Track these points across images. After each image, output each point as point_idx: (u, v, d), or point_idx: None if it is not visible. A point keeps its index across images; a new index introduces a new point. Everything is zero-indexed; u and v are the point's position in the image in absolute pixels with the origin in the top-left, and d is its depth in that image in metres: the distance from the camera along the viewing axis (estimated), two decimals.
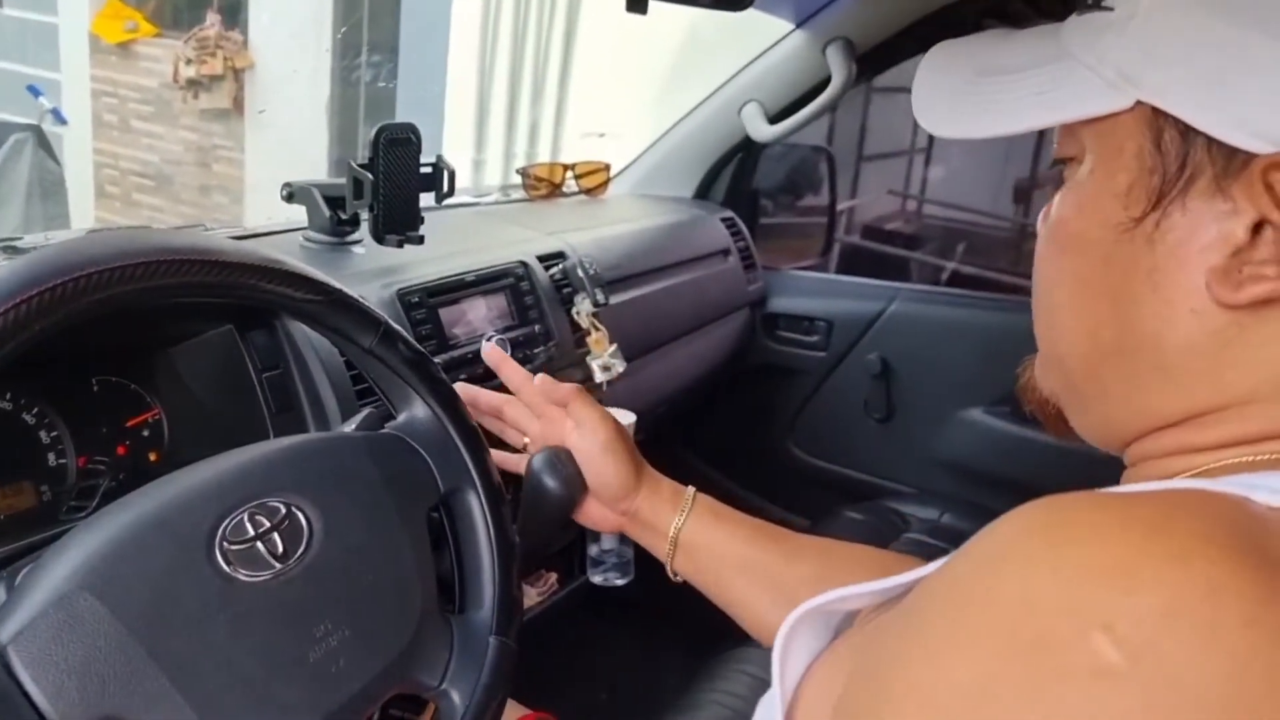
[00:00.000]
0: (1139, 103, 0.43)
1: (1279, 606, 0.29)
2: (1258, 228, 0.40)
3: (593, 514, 0.82)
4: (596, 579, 1.15)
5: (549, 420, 0.83)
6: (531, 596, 1.13)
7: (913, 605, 0.37)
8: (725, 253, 1.59)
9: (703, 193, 1.70)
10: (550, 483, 0.79)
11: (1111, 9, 0.45)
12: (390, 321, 0.70)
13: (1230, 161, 0.40)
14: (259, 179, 5.12)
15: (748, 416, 1.74)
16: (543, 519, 0.81)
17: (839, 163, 3.99)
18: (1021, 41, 0.50)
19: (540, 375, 0.84)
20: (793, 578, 0.76)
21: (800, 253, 1.82)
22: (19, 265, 0.52)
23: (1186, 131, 0.41)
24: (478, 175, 3.61)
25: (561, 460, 0.80)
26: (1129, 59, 0.43)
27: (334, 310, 0.67)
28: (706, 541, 0.79)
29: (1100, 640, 0.28)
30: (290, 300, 0.65)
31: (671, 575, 0.81)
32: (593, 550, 1.16)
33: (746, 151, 1.67)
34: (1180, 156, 0.41)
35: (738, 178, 1.70)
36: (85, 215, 6.12)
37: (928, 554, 1.35)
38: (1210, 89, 0.40)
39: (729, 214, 1.65)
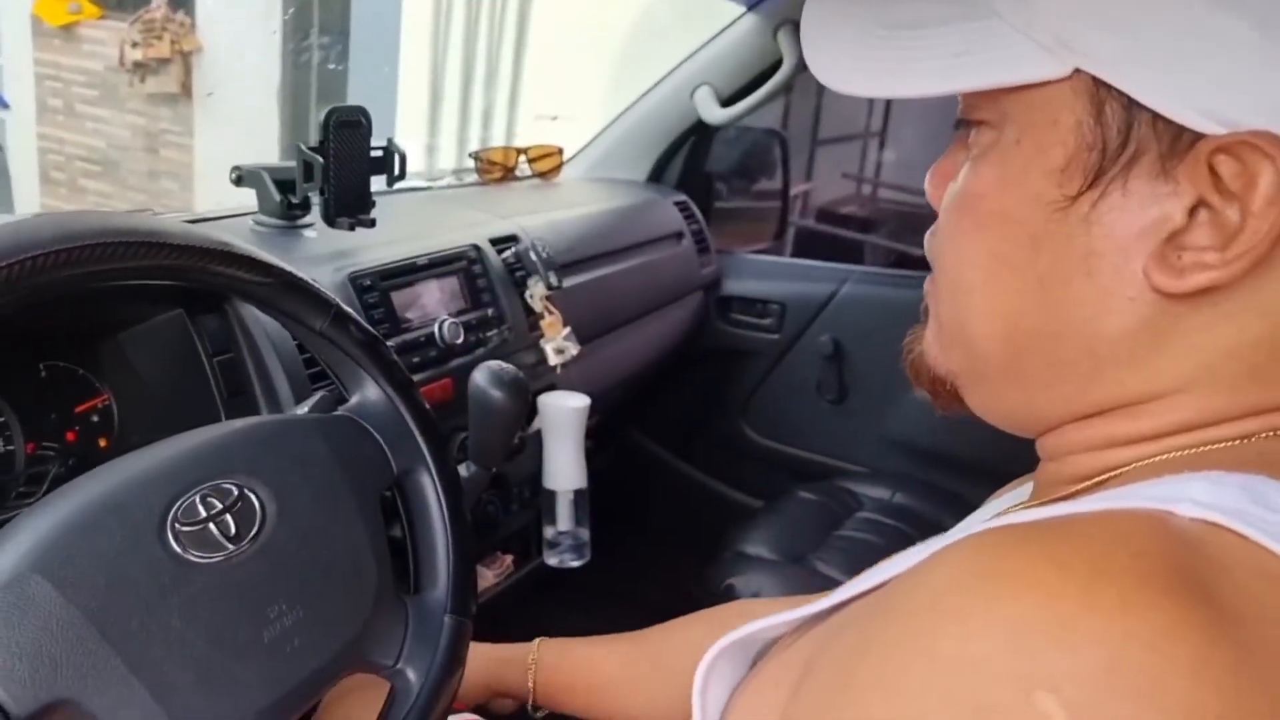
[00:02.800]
0: (1078, 71, 0.39)
1: (1225, 650, 0.28)
2: (1193, 211, 0.38)
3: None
4: (552, 561, 1.16)
5: None
6: (487, 579, 1.14)
7: (849, 659, 0.34)
8: (679, 236, 1.60)
9: (656, 176, 1.71)
10: (494, 393, 0.81)
11: None
12: (342, 304, 0.70)
13: (1176, 141, 0.38)
14: (209, 164, 5.04)
15: (702, 399, 1.76)
16: (491, 431, 0.83)
17: (793, 146, 4.01)
18: None
19: None
20: (644, 671, 0.77)
21: (754, 236, 1.83)
22: None
23: (1130, 106, 0.38)
24: (431, 160, 3.59)
25: (503, 369, 0.82)
26: (1068, 24, 0.40)
27: (285, 293, 0.67)
28: (564, 666, 0.81)
29: (1047, 703, 0.28)
30: (240, 283, 0.65)
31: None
32: (548, 533, 1.17)
33: (700, 135, 1.68)
34: (1123, 132, 0.39)
35: (691, 161, 1.71)
36: (30, 201, 5.99)
37: (880, 532, 1.38)
38: (1161, 63, 0.37)
39: (682, 197, 1.66)
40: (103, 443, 0.84)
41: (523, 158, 1.57)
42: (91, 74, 5.83)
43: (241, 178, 1.05)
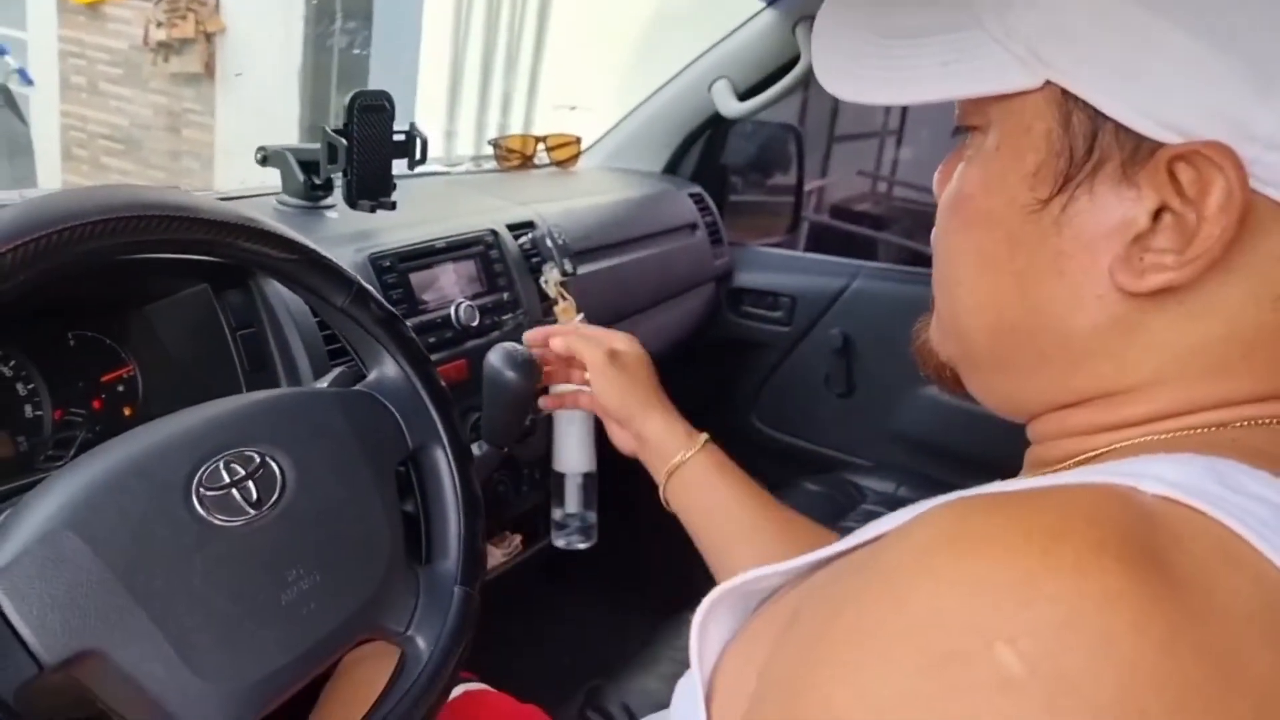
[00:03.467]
0: (1048, 83, 0.42)
1: (1165, 613, 0.30)
2: (1158, 214, 0.40)
3: (615, 434, 0.89)
4: (560, 542, 1.18)
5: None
6: (496, 557, 1.16)
7: (828, 610, 0.37)
8: (692, 227, 1.61)
9: (672, 168, 1.73)
10: (507, 374, 0.84)
11: None
12: (363, 282, 0.73)
13: (1138, 149, 0.40)
14: (229, 144, 5.08)
15: (712, 389, 1.77)
16: (503, 411, 0.86)
17: (810, 142, 4.02)
18: (930, 1, 0.48)
19: (529, 334, 0.90)
20: (764, 536, 0.79)
21: (768, 229, 1.85)
22: (5, 215, 0.54)
23: (1095, 116, 0.41)
24: (449, 145, 3.61)
25: (516, 351, 0.85)
26: (1040, 37, 0.42)
27: (309, 269, 0.70)
28: (699, 486, 0.83)
29: (1005, 653, 0.30)
30: (267, 259, 0.67)
31: (664, 503, 0.86)
32: (557, 514, 1.19)
33: (716, 128, 1.70)
34: (1088, 141, 0.41)
35: (707, 153, 1.73)
36: (52, 177, 6.05)
37: None
38: (1121, 76, 0.40)
39: (697, 189, 1.68)
40: (127, 411, 0.86)
41: (541, 146, 1.59)
42: (115, 52, 5.87)
43: (267, 158, 1.07)
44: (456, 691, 0.90)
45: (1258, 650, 0.31)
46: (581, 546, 1.20)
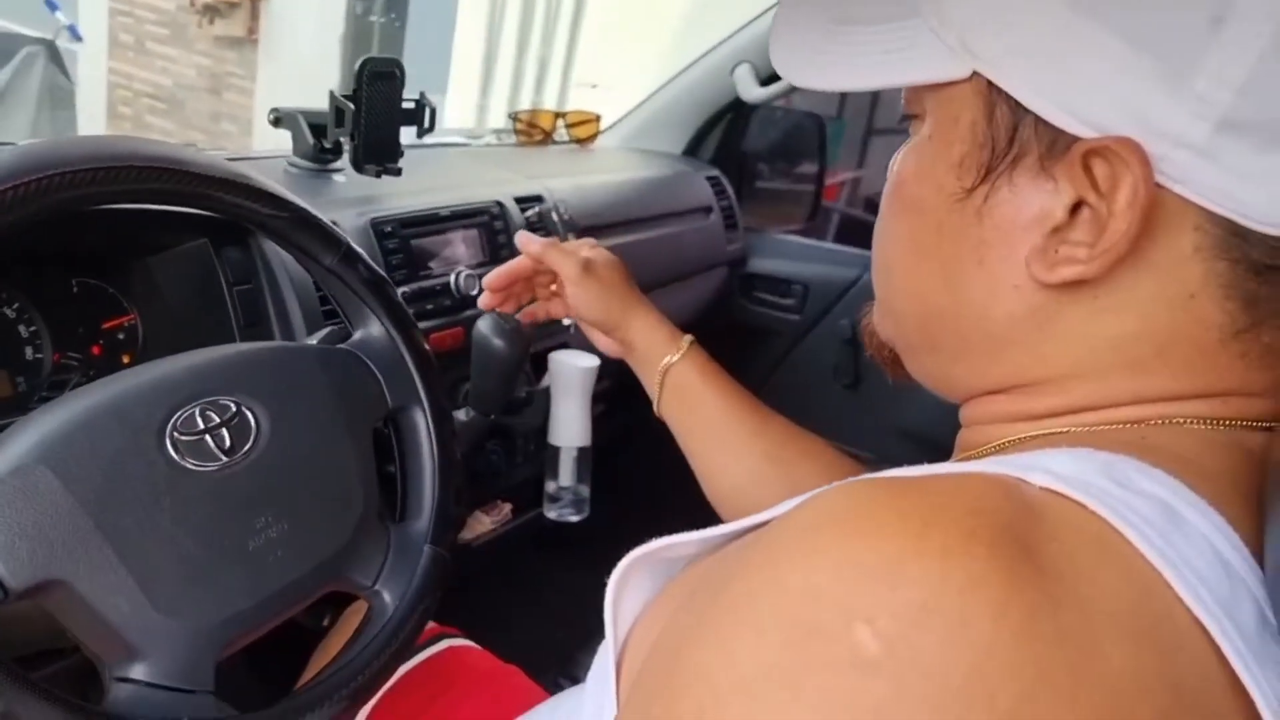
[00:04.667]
0: (976, 74, 0.43)
1: (1027, 600, 0.31)
2: (1076, 208, 0.41)
3: (598, 339, 0.89)
4: (552, 514, 1.20)
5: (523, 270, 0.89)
6: (485, 524, 1.18)
7: (718, 581, 0.37)
8: (707, 210, 1.62)
9: (692, 150, 1.73)
10: (496, 342, 0.85)
11: None
12: (352, 243, 0.74)
13: (1055, 142, 0.41)
14: (269, 109, 5.12)
15: None
16: (491, 378, 0.87)
17: (850, 134, 3.98)
18: None
19: (521, 234, 0.89)
20: (750, 450, 0.81)
21: (787, 217, 1.84)
22: (4, 157, 0.56)
23: (1017, 108, 0.41)
24: (481, 118, 3.63)
25: (505, 319, 0.86)
26: (969, 28, 0.43)
27: (298, 227, 0.71)
28: (692, 389, 0.84)
29: (863, 632, 0.30)
30: (256, 215, 0.69)
31: (657, 413, 0.87)
32: (550, 487, 1.20)
33: (737, 112, 1.69)
34: (1009, 133, 0.42)
35: (727, 137, 1.73)
36: (97, 132, 6.12)
37: None
38: (1041, 69, 0.40)
39: (715, 173, 1.68)
40: (125, 359, 0.88)
41: (561, 122, 1.60)
42: (163, 13, 5.93)
43: (279, 119, 1.09)
44: (442, 645, 0.92)
45: (1118, 643, 0.31)
46: (573, 519, 1.21)
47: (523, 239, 0.88)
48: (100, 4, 6.19)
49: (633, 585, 0.50)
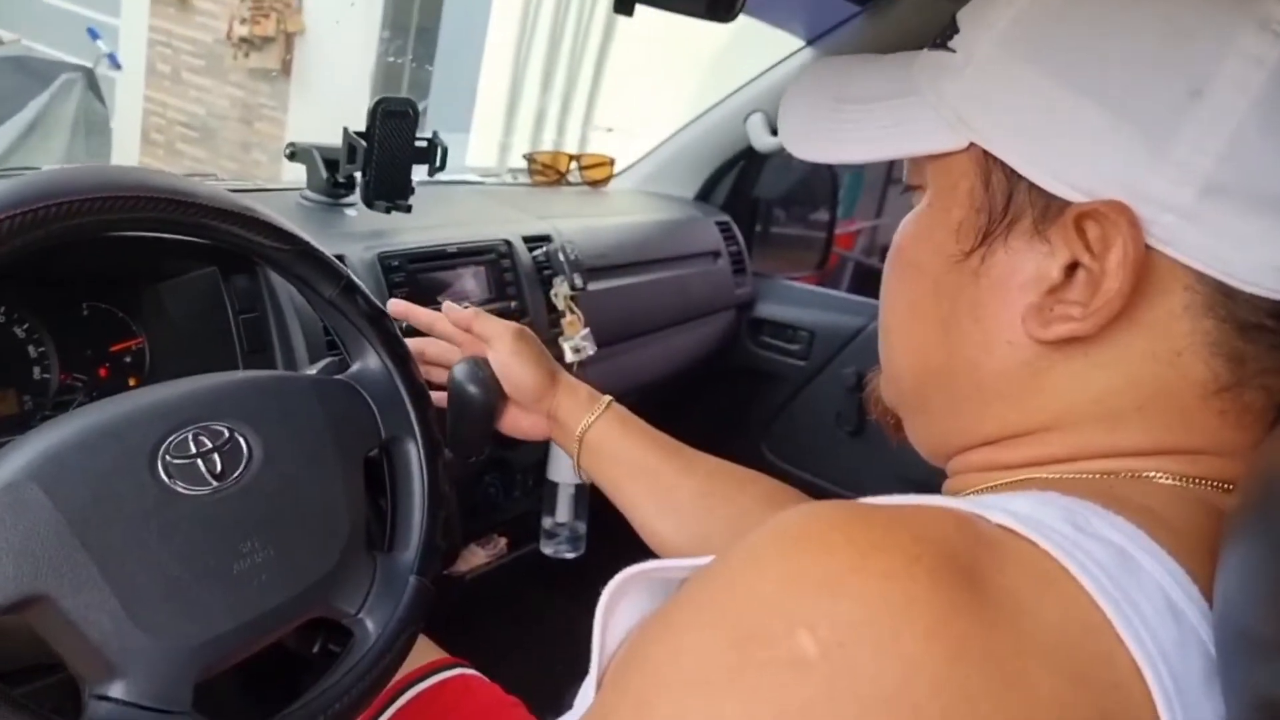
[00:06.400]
0: (972, 144, 0.45)
1: (961, 625, 0.32)
2: (1071, 269, 0.43)
3: (520, 422, 0.89)
4: (548, 550, 1.20)
5: (468, 344, 0.90)
6: (480, 557, 1.19)
7: (684, 592, 0.39)
8: (716, 254, 1.63)
9: (704, 195, 1.75)
10: (471, 389, 0.85)
11: (954, 50, 0.47)
12: (352, 276, 0.76)
13: (1049, 207, 0.43)
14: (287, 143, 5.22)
15: (725, 416, 1.79)
16: (468, 424, 0.87)
17: (868, 182, 4.00)
18: (881, 70, 0.52)
19: (446, 304, 0.91)
20: (682, 490, 0.83)
21: (797, 263, 1.86)
22: (15, 184, 0.58)
23: (1012, 175, 0.44)
24: (503, 157, 3.68)
25: (479, 365, 0.86)
26: (965, 103, 0.46)
27: (300, 260, 0.73)
28: (610, 444, 0.85)
29: (803, 637, 0.32)
30: (259, 246, 0.71)
31: (578, 474, 0.88)
32: (547, 523, 1.21)
33: (749, 159, 1.72)
34: (1005, 198, 0.44)
35: (739, 184, 1.75)
36: (130, 159, 6.25)
37: None
38: (1032, 140, 0.43)
39: (725, 218, 1.70)
40: (132, 381, 0.90)
41: (575, 164, 1.62)
42: (200, 44, 6.07)
43: (295, 153, 1.12)
44: (449, 674, 0.92)
45: (1049, 675, 0.33)
46: (569, 556, 1.22)
47: (447, 306, 0.91)
48: (140, 34, 6.34)
49: (624, 605, 0.51)
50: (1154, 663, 0.34)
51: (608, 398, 0.88)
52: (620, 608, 0.51)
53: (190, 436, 0.64)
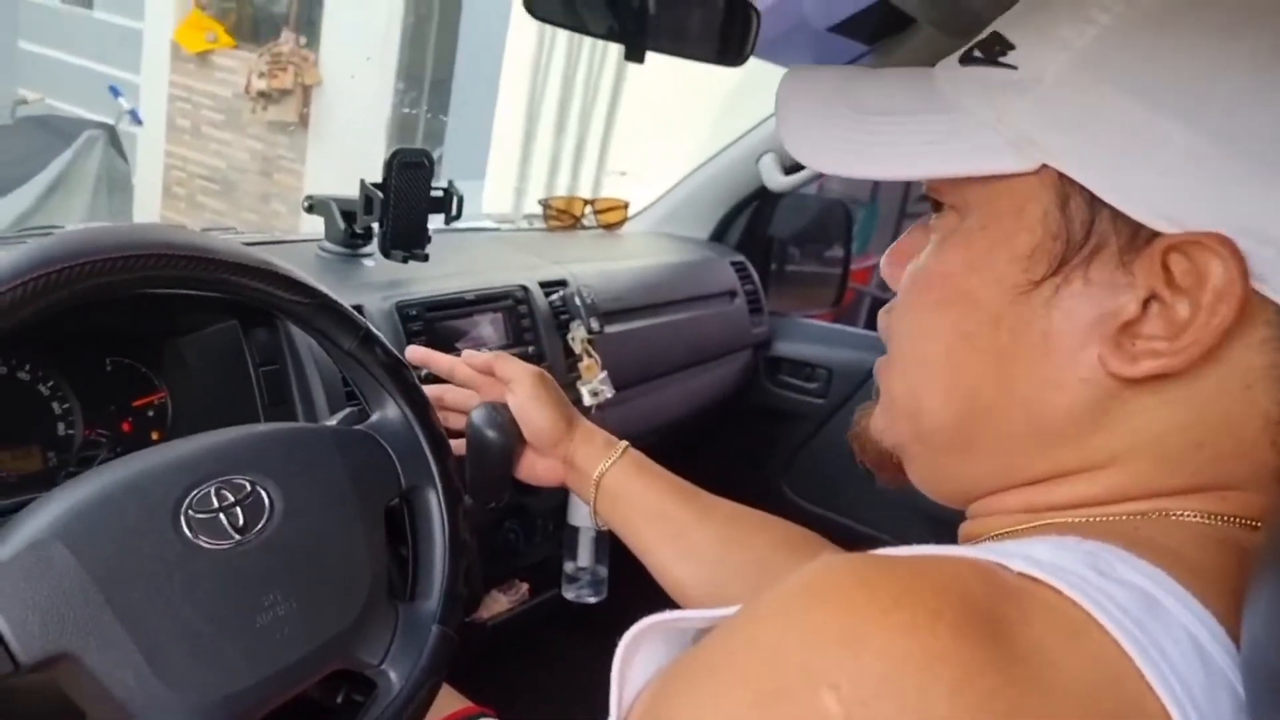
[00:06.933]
0: (1044, 167, 0.43)
1: (987, 681, 0.32)
2: (1147, 303, 0.41)
3: (536, 468, 0.89)
4: (569, 595, 1.20)
5: (487, 388, 0.90)
6: (501, 603, 1.18)
7: (704, 644, 0.39)
8: (731, 294, 1.64)
9: (718, 236, 1.76)
10: (489, 433, 0.85)
11: (1014, 68, 0.45)
12: (371, 327, 0.76)
13: (1135, 237, 0.41)
14: (317, 191, 5.29)
15: (744, 455, 1.78)
16: (488, 469, 0.87)
17: (882, 216, 4.00)
18: (895, 83, 0.49)
19: (465, 351, 0.91)
20: (699, 535, 0.82)
21: (813, 301, 1.86)
22: (31, 248, 0.59)
23: (1093, 201, 0.42)
24: (518, 203, 3.72)
25: (498, 410, 0.86)
26: (1035, 124, 0.43)
27: (318, 312, 0.74)
28: (626, 489, 0.85)
29: (827, 696, 0.32)
30: (278, 299, 0.72)
31: (595, 520, 0.88)
32: (568, 567, 1.20)
33: (763, 199, 1.73)
34: (1086, 225, 0.42)
35: (753, 224, 1.76)
36: (151, 213, 6.35)
37: None
38: (1119, 165, 0.41)
39: (740, 258, 1.70)
40: (155, 435, 0.91)
41: (589, 209, 1.64)
42: (219, 99, 6.18)
43: (312, 206, 1.13)
44: None
45: None
46: (591, 600, 1.21)
47: (466, 354, 0.91)
48: (161, 90, 6.47)
49: (643, 654, 0.50)
50: (1183, 707, 0.34)
51: (624, 443, 0.87)
52: (637, 658, 0.50)
53: (212, 490, 0.64)
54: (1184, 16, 0.41)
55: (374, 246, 1.12)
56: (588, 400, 1.22)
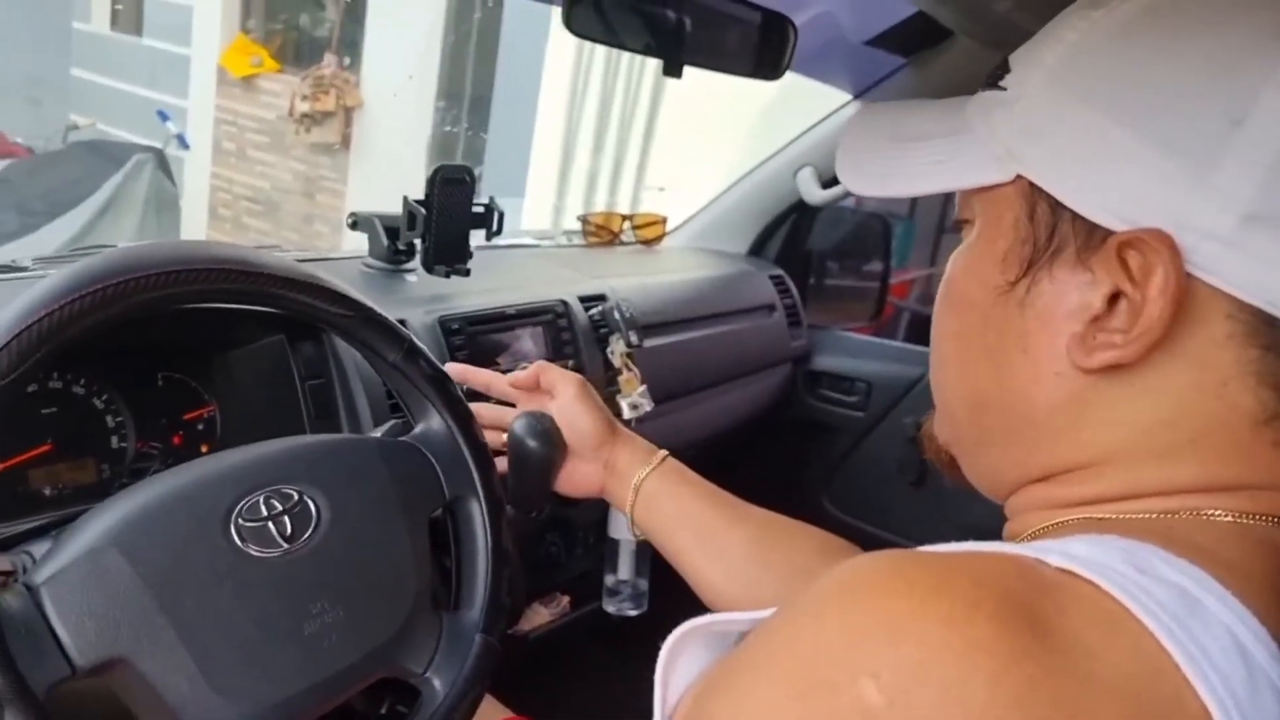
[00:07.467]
0: (1019, 176, 0.46)
1: (1025, 670, 0.32)
2: (1114, 298, 0.43)
3: (575, 476, 0.89)
4: (610, 608, 1.20)
5: (525, 401, 0.92)
6: (543, 616, 1.19)
7: (744, 641, 0.40)
8: (770, 308, 1.64)
9: (756, 250, 1.76)
10: (530, 443, 0.86)
11: (1005, 89, 0.49)
12: (414, 339, 0.77)
13: (1091, 236, 0.44)
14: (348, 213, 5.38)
15: (784, 469, 1.78)
16: (529, 479, 0.88)
17: (921, 230, 3.99)
18: (933, 111, 0.54)
19: (509, 376, 0.92)
20: (734, 541, 0.83)
21: (851, 314, 1.86)
22: (86, 264, 0.60)
23: (1056, 206, 0.45)
24: (557, 219, 3.75)
25: (538, 419, 0.87)
26: (1014, 136, 0.47)
27: (363, 325, 0.75)
28: (664, 495, 0.86)
29: (867, 685, 0.33)
30: (324, 313, 0.73)
31: (633, 530, 0.89)
32: (609, 580, 1.21)
33: (801, 213, 1.73)
34: (1049, 228, 0.45)
35: (791, 238, 1.76)
36: (198, 234, 6.48)
37: None
38: (1075, 170, 0.44)
39: (778, 272, 1.70)
40: (204, 448, 0.93)
41: (628, 224, 1.65)
42: (264, 122, 6.29)
43: (356, 223, 1.15)
44: None
45: (1114, 717, 0.33)
46: (632, 613, 1.21)
47: (511, 376, 0.93)
48: (207, 114, 6.60)
49: (684, 659, 0.51)
50: (1223, 704, 0.34)
51: (664, 452, 0.88)
52: (680, 662, 0.51)
53: (261, 500, 0.66)
54: (1140, 30, 0.44)
55: (417, 262, 1.13)
56: (627, 413, 1.23)
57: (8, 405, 0.55)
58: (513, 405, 0.93)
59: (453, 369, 0.93)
